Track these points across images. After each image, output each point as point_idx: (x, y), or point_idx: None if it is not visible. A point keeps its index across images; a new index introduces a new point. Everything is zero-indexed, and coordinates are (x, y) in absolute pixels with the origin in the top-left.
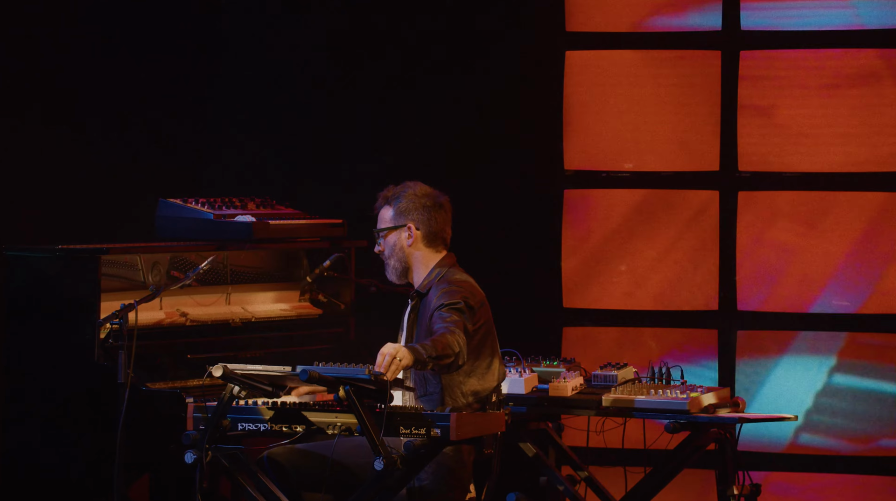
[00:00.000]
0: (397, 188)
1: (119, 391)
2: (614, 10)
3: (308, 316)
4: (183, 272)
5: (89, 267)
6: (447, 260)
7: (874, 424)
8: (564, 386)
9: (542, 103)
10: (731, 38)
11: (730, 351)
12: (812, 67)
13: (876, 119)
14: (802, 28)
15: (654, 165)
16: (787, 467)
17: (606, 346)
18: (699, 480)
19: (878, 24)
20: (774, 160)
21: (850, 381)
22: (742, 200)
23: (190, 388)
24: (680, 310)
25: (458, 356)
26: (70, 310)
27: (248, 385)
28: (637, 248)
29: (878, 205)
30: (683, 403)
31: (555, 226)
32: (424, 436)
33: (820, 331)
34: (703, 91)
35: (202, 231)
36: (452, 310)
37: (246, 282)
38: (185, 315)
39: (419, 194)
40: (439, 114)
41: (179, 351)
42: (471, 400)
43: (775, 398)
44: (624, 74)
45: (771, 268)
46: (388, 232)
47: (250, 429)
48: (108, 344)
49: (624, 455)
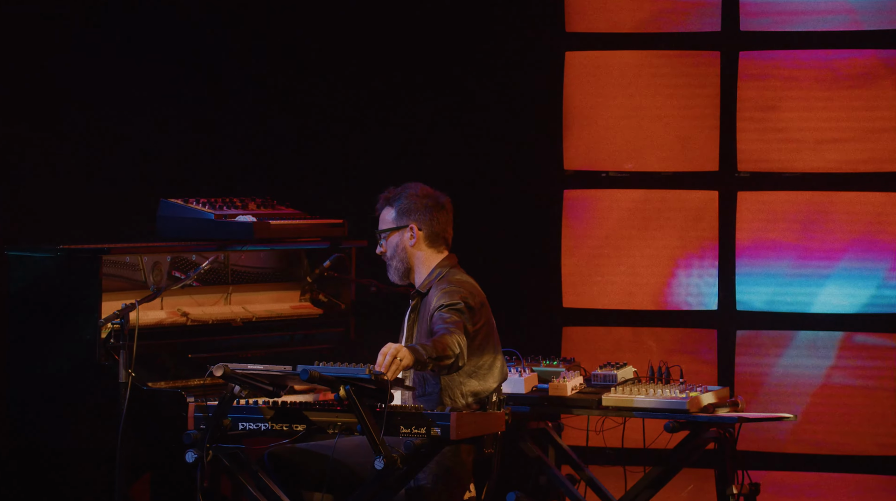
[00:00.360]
0: (398, 189)
1: (120, 390)
2: (614, 11)
3: (308, 315)
4: (184, 272)
5: (90, 268)
6: (448, 261)
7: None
8: (564, 386)
9: (543, 104)
10: (731, 38)
11: (729, 350)
12: (811, 68)
13: (875, 121)
14: (801, 29)
15: (654, 166)
16: (786, 466)
17: (606, 346)
18: (699, 479)
19: (877, 25)
20: (774, 160)
21: (847, 381)
22: (741, 200)
23: (191, 388)
24: (679, 310)
25: (458, 357)
26: (71, 310)
27: (249, 384)
28: (636, 248)
29: (877, 205)
30: (683, 403)
31: (555, 227)
32: (424, 436)
33: (819, 331)
34: (702, 92)
35: (203, 231)
36: (452, 311)
37: (247, 282)
38: (186, 314)
39: (420, 195)
40: (441, 116)
41: (180, 351)
42: (470, 400)
43: (775, 397)
44: (623, 75)
45: (770, 268)
46: (390, 232)
47: (251, 429)
48: (109, 344)
49: (624, 454)
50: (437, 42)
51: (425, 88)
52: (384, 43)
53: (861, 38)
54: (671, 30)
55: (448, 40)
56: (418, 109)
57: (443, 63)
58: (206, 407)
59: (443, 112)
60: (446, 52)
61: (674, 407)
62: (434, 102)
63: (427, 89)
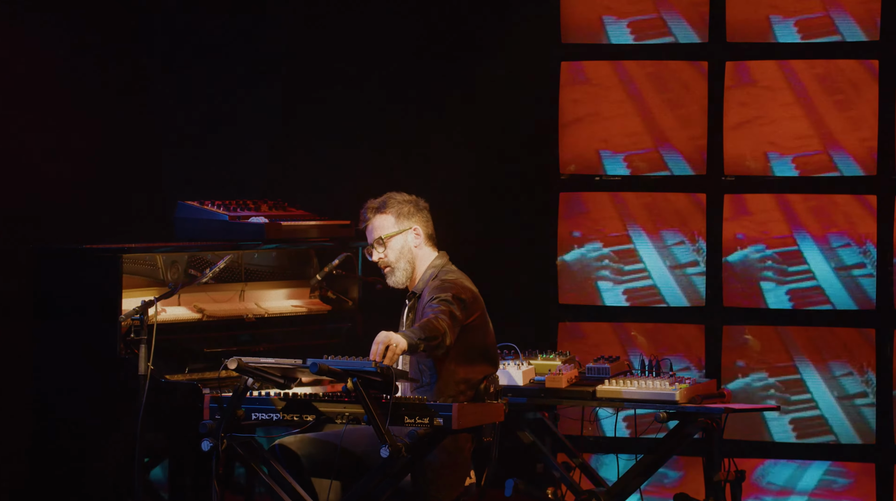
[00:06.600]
0: (382, 198)
1: (140, 383)
2: (605, 24)
3: (318, 312)
4: (200, 270)
5: (112, 266)
6: (440, 259)
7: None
8: (560, 378)
9: (539, 110)
10: (717, 49)
11: (716, 344)
12: (795, 77)
13: (856, 128)
14: (785, 41)
15: (645, 169)
16: (770, 454)
17: (600, 340)
18: (687, 466)
19: (856, 37)
20: (758, 164)
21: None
22: (727, 202)
23: (206, 380)
24: (669, 306)
25: (444, 337)
26: (94, 306)
27: (262, 377)
28: (628, 247)
29: (854, 206)
30: (672, 394)
31: (551, 227)
32: (428, 425)
33: (799, 326)
34: (690, 99)
35: (218, 231)
36: (441, 302)
37: (259, 280)
38: (202, 311)
39: (409, 199)
40: (443, 121)
41: (196, 345)
42: (463, 387)
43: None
44: (615, 83)
45: (753, 266)
46: (393, 236)
47: (263, 419)
48: (129, 339)
49: (616, 443)
50: (437, 53)
51: (429, 96)
52: (390, 50)
53: (842, 49)
54: (661, 41)
55: (447, 51)
56: (421, 118)
57: (446, 72)
58: (220, 398)
59: (445, 118)
60: (451, 62)
61: (664, 399)
62: (437, 109)
63: (431, 97)
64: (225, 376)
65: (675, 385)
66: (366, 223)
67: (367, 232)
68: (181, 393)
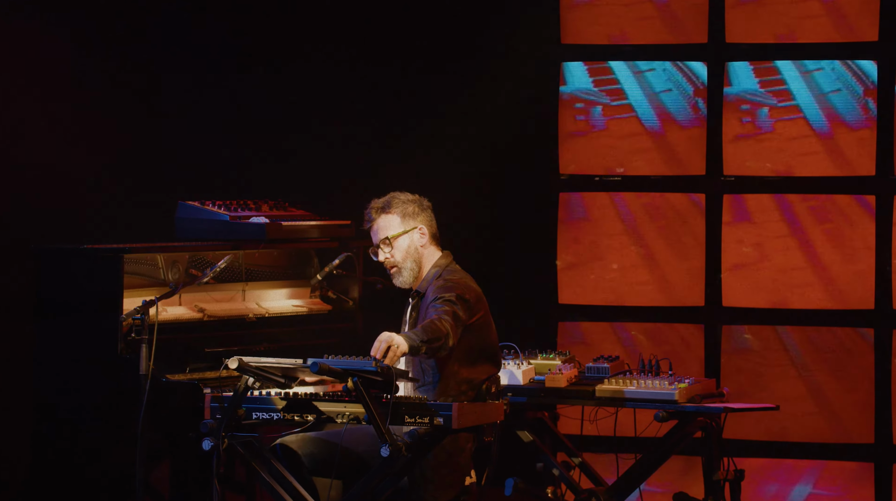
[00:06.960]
0: (386, 197)
1: (141, 382)
2: (606, 23)
3: (318, 311)
4: (201, 270)
5: (113, 265)
6: (444, 259)
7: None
8: (560, 378)
9: (540, 111)
10: (717, 49)
11: (715, 344)
12: (793, 77)
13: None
14: (786, 41)
15: (644, 170)
16: (768, 453)
17: (599, 340)
18: (687, 466)
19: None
20: (757, 165)
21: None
22: (726, 203)
23: (207, 380)
24: (668, 306)
25: (446, 338)
26: (95, 305)
27: (262, 376)
28: (627, 247)
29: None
30: (672, 393)
31: (551, 227)
32: (428, 425)
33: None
34: (689, 100)
35: (219, 231)
36: (445, 302)
37: (260, 280)
38: (203, 310)
39: (413, 198)
40: (442, 124)
41: (197, 345)
42: (465, 387)
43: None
44: (614, 84)
45: (752, 267)
46: (399, 236)
47: (264, 418)
48: (130, 338)
49: (616, 442)
50: (443, 52)
51: (430, 97)
52: (392, 50)
53: (840, 50)
54: (660, 41)
55: (450, 52)
56: (422, 118)
57: (447, 72)
58: (221, 397)
59: (446, 118)
60: (451, 63)
61: (663, 398)
62: (438, 109)
63: (431, 98)
64: (226, 375)
65: (675, 384)
66: (370, 223)
67: (371, 232)
68: (182, 392)
